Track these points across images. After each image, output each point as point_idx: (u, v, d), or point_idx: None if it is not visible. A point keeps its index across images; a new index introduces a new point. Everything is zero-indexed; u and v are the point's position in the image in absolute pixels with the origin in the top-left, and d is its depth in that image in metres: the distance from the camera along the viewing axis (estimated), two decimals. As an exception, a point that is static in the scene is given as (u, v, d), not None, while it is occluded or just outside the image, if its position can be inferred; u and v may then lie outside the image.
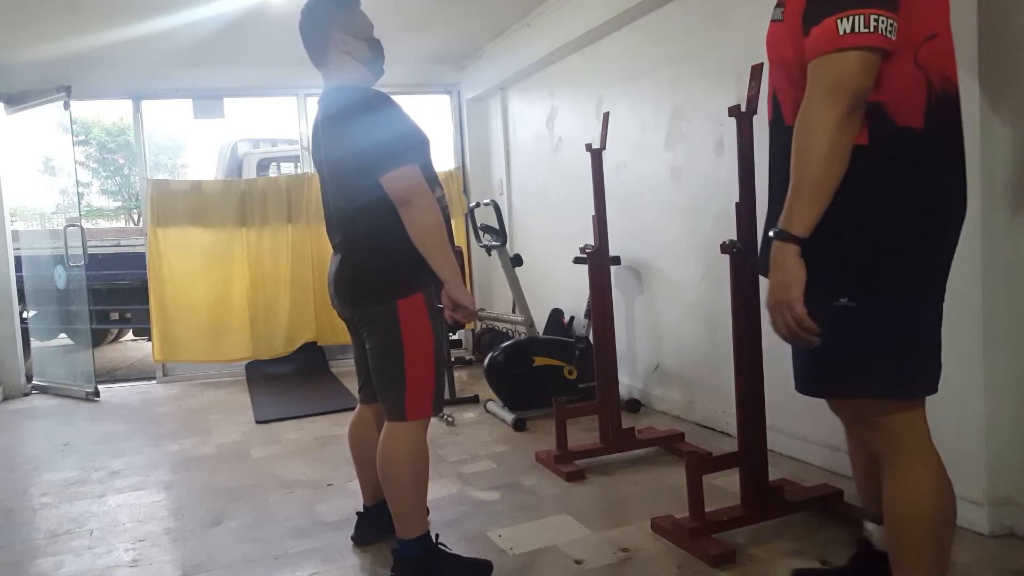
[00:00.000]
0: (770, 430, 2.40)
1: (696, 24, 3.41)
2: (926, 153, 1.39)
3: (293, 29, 2.14)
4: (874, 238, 1.38)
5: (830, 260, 1.38)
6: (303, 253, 5.45)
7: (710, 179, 3.35)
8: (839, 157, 1.32)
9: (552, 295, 4.76)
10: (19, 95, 5.03)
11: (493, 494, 2.80)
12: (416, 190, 1.92)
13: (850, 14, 1.28)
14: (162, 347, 5.32)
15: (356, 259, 2.06)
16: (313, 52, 2.11)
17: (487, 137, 6.00)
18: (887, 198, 1.37)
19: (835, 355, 1.43)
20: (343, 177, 2.03)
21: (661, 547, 2.25)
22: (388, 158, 1.91)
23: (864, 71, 1.30)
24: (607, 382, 3.15)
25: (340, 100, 2.03)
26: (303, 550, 2.38)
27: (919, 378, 1.45)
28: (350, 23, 2.10)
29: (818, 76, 1.33)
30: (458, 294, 1.99)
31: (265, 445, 3.65)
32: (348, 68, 2.09)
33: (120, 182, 21.93)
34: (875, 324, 1.40)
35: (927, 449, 1.48)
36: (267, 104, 9.05)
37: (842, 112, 1.30)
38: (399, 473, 2.02)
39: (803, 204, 1.35)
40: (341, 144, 2.00)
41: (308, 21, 2.10)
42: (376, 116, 1.97)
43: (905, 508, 1.48)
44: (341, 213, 2.07)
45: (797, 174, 1.36)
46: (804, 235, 1.35)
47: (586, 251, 3.18)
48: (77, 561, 2.39)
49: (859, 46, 1.28)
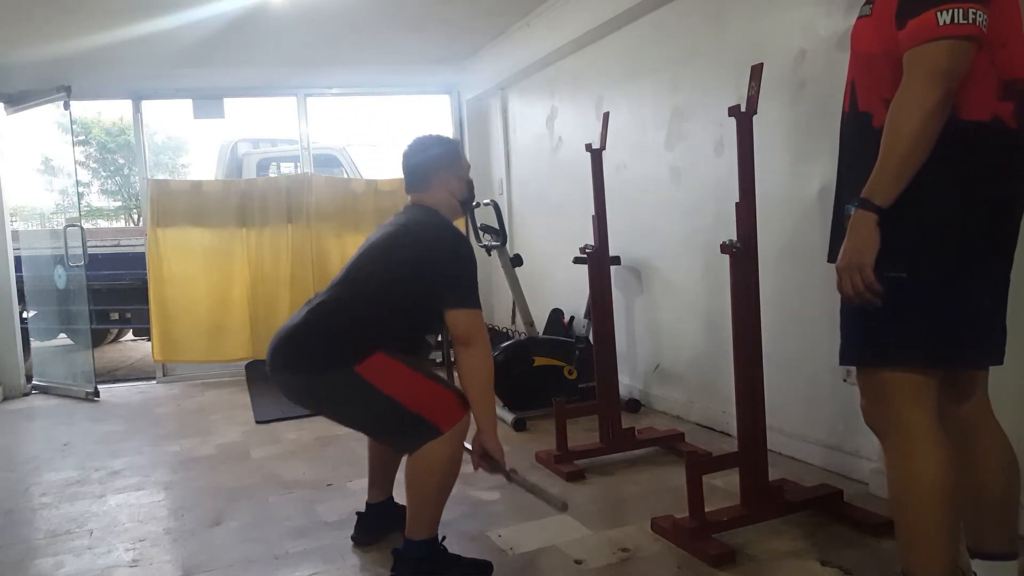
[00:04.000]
0: (770, 430, 2.39)
1: (696, 24, 3.41)
2: (989, 145, 1.47)
3: (293, 29, 2.15)
4: (932, 220, 1.47)
5: (892, 233, 1.48)
6: (303, 253, 5.45)
7: (710, 179, 3.36)
8: (928, 139, 1.41)
9: (552, 295, 4.76)
10: (19, 95, 5.02)
11: (493, 494, 2.80)
12: (481, 334, 2.06)
13: (950, 7, 1.37)
14: (162, 347, 5.32)
15: (322, 318, 2.05)
16: (415, 181, 2.26)
17: (487, 137, 6.00)
18: (950, 185, 1.46)
19: (877, 323, 1.54)
20: (392, 279, 2.07)
21: (661, 547, 2.25)
22: (463, 295, 2.04)
23: (961, 58, 1.39)
24: (607, 382, 3.15)
25: (438, 221, 2.18)
26: (303, 550, 2.38)
27: (948, 355, 1.54)
28: (456, 164, 2.27)
29: (918, 63, 1.41)
30: (491, 444, 2.06)
31: (265, 445, 3.65)
32: (443, 202, 2.24)
33: (120, 182, 21.92)
34: (917, 299, 1.50)
35: (928, 431, 1.53)
36: (267, 104, 9.06)
37: (938, 97, 1.39)
38: (432, 480, 1.99)
39: (889, 178, 1.45)
40: (417, 252, 2.08)
41: (418, 156, 2.25)
42: (465, 253, 2.10)
43: (899, 491, 1.55)
44: (343, 287, 2.12)
45: (887, 150, 1.45)
46: (884, 206, 1.46)
47: (586, 251, 3.18)
48: (77, 561, 2.39)
49: (958, 35, 1.38)
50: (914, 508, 1.53)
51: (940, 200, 1.47)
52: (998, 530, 1.66)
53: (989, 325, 1.57)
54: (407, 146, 2.30)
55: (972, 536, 1.71)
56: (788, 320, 2.88)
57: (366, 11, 4.18)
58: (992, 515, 1.66)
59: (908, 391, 1.54)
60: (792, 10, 2.86)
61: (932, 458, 1.51)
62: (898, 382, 1.54)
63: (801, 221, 2.85)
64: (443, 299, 2.04)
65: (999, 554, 1.66)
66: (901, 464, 1.55)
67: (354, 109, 30.41)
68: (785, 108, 2.88)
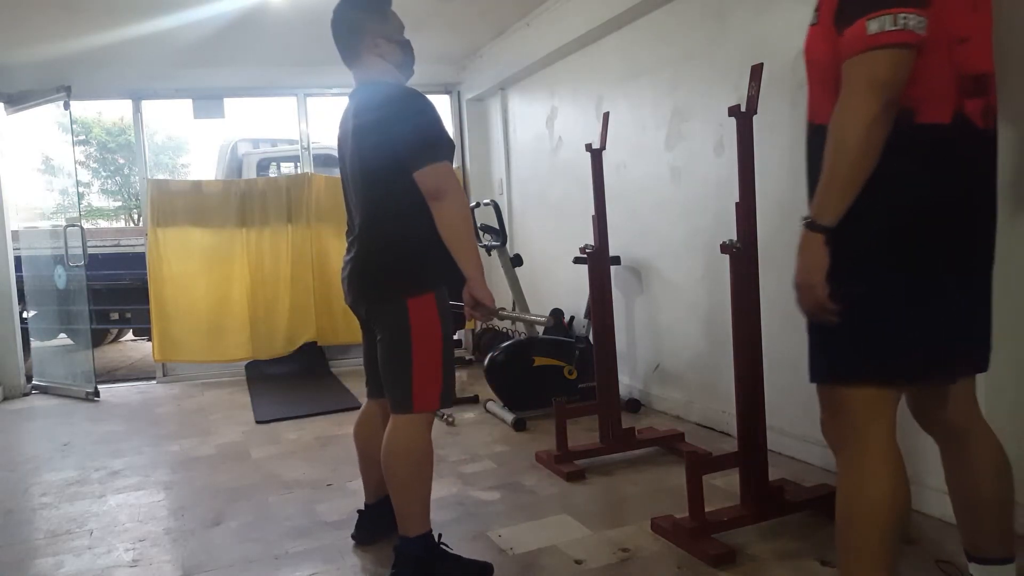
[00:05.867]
0: (770, 430, 2.40)
1: (696, 24, 3.41)
2: (952, 147, 1.42)
3: (293, 29, 2.15)
4: (892, 231, 1.42)
5: (850, 247, 1.43)
6: (303, 253, 5.45)
7: (710, 179, 3.35)
8: (870, 153, 1.37)
9: (552, 295, 4.76)
10: (19, 95, 5.03)
11: (493, 494, 2.80)
12: (451, 185, 1.98)
13: (879, 15, 1.32)
14: (162, 347, 5.32)
15: (370, 255, 2.08)
16: (345, 52, 2.14)
17: (487, 137, 6.00)
18: (901, 195, 1.41)
19: (836, 340, 1.49)
20: (372, 170, 2.04)
21: (661, 547, 2.25)
22: (425, 152, 1.96)
23: (895, 68, 1.34)
24: (607, 382, 3.15)
25: (376, 94, 2.07)
26: (303, 550, 2.38)
27: (908, 372, 1.48)
28: (383, 26, 2.15)
29: (852, 75, 1.37)
30: (480, 292, 2.04)
31: (265, 445, 3.65)
32: (380, 69, 2.12)
33: (120, 182, 21.95)
34: (878, 315, 1.44)
35: (883, 447, 1.48)
36: (267, 104, 9.06)
37: (876, 109, 1.34)
38: (403, 467, 2.03)
39: (833, 196, 1.41)
40: (374, 136, 2.02)
41: (341, 23, 2.13)
42: (413, 111, 2.00)
43: (845, 505, 1.52)
44: (362, 206, 2.09)
45: (828, 168, 1.41)
46: (831, 225, 1.41)
47: (586, 251, 3.18)
48: (77, 561, 2.39)
49: (889, 44, 1.32)
50: (859, 524, 1.48)
51: (900, 211, 1.42)
52: (994, 534, 1.64)
53: (961, 337, 1.50)
54: None
55: (968, 540, 1.69)
56: (788, 320, 2.87)
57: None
58: (987, 519, 1.64)
59: (866, 406, 1.49)
60: (792, 10, 2.85)
61: (883, 475, 1.47)
62: (856, 397, 1.50)
63: (801, 221, 2.85)
64: (408, 164, 1.95)
65: (996, 558, 1.64)
66: (851, 479, 1.51)
67: (354, 109, 30.32)
68: (785, 108, 2.88)
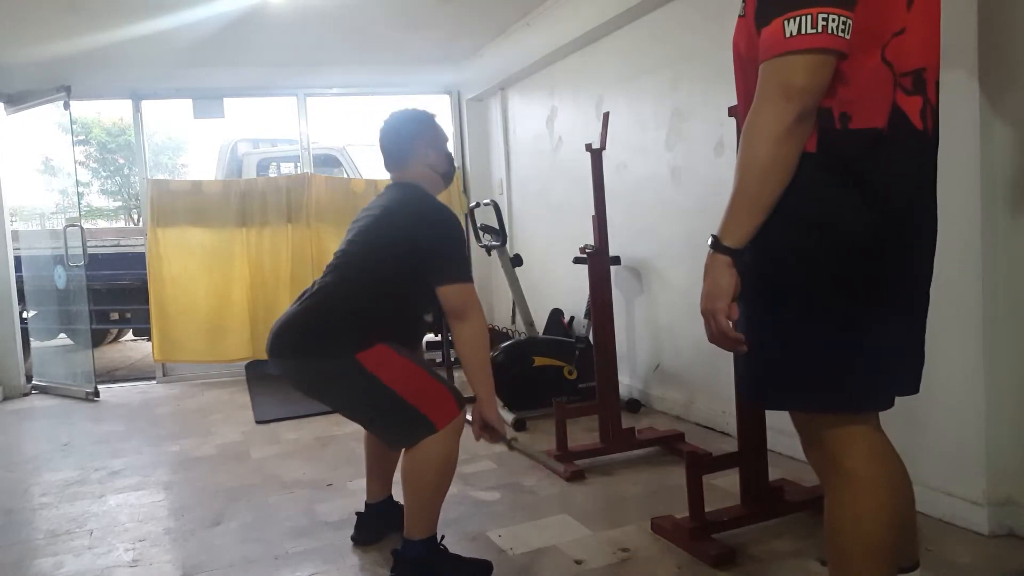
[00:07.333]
0: (770, 430, 2.39)
1: (696, 24, 3.41)
2: (888, 153, 1.26)
3: (293, 29, 2.15)
4: (805, 253, 1.28)
5: (758, 272, 1.31)
6: (303, 253, 5.45)
7: (710, 179, 3.35)
8: (781, 169, 1.23)
9: (552, 295, 4.76)
10: (19, 95, 5.02)
11: (493, 494, 2.80)
12: (475, 306, 2.05)
13: (797, 14, 1.16)
14: (162, 347, 5.32)
15: (331, 312, 2.06)
16: (392, 158, 2.24)
17: (487, 137, 6.00)
18: (823, 211, 1.27)
19: (760, 366, 1.37)
20: (377, 253, 2.09)
21: (661, 547, 2.25)
22: (454, 271, 2.03)
23: (812, 75, 1.18)
24: (607, 382, 3.15)
25: (420, 196, 2.16)
26: (303, 550, 2.38)
27: (847, 394, 1.33)
28: (434, 138, 2.25)
29: (768, 79, 1.22)
30: (490, 415, 2.06)
31: (265, 445, 3.65)
32: (424, 177, 2.22)
33: (120, 182, 21.93)
34: (799, 338, 1.31)
35: (866, 471, 1.34)
36: (267, 104, 9.06)
37: (789, 120, 1.19)
38: (428, 477, 1.99)
39: (740, 215, 1.26)
40: (399, 232, 2.07)
41: (395, 132, 2.24)
42: (449, 226, 2.08)
43: (833, 533, 1.37)
44: (342, 270, 2.12)
45: (737, 184, 1.27)
46: (737, 247, 1.27)
47: (586, 251, 3.18)
48: (77, 561, 2.39)
49: (806, 49, 1.17)
50: (843, 540, 1.35)
51: (811, 227, 1.26)
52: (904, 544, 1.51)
53: (895, 360, 1.33)
54: (382, 124, 2.26)
55: None
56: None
57: (366, 11, 4.18)
58: None
59: (836, 438, 1.36)
60: (792, 10, 2.85)
61: (868, 493, 1.33)
62: (825, 423, 1.36)
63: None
64: (433, 276, 2.03)
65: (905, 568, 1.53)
66: (835, 498, 1.37)
67: (354, 109, 30.38)
68: (785, 108, 2.88)
